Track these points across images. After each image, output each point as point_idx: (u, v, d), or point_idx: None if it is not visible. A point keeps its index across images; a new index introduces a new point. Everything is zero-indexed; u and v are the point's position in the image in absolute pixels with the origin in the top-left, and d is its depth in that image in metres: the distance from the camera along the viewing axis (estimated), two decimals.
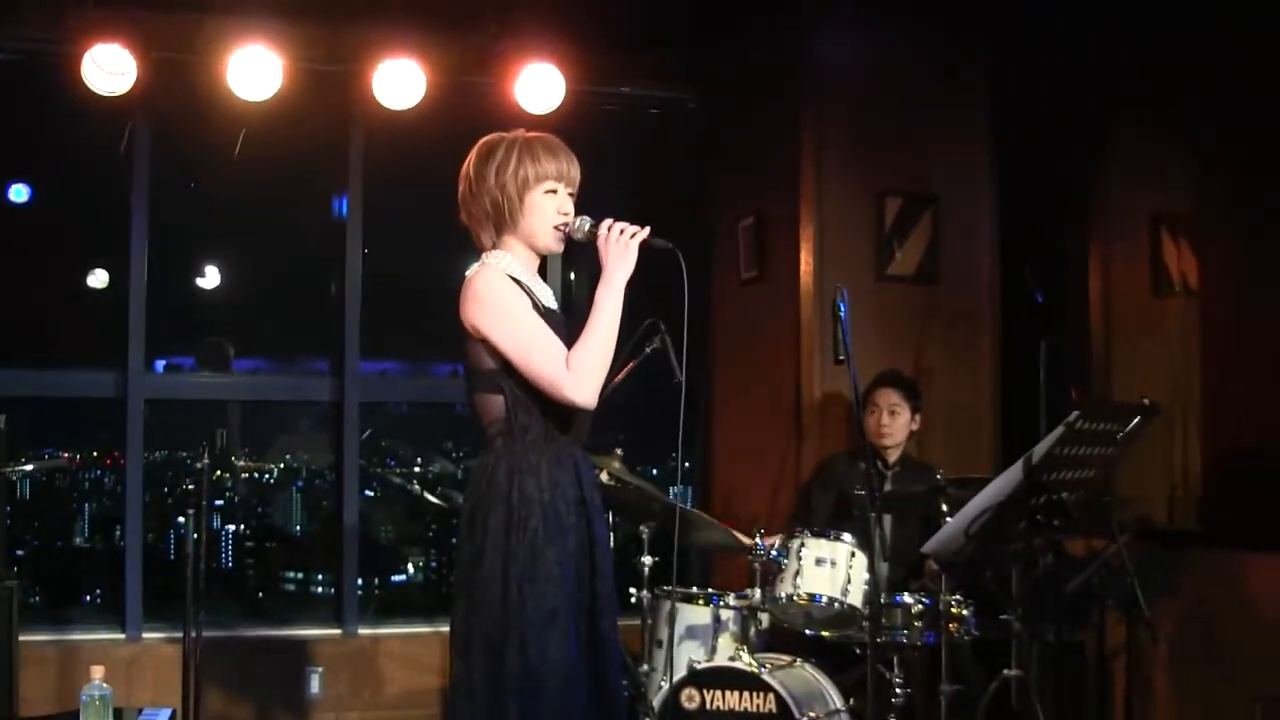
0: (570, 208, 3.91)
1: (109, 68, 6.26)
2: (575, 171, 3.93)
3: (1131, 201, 6.60)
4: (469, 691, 3.73)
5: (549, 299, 3.94)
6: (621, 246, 3.79)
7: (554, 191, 3.88)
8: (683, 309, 3.95)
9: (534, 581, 3.70)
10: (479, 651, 3.72)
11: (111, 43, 6.20)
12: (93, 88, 6.28)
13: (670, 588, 5.79)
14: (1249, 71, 5.73)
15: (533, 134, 3.95)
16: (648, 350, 5.59)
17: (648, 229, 3.84)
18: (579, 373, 3.71)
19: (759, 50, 7.19)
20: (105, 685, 4.65)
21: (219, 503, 7.90)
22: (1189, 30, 6.01)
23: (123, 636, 6.82)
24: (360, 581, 7.34)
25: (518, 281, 3.84)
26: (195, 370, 7.42)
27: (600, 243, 3.82)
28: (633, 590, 5.75)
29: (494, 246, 3.92)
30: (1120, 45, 6.48)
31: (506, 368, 3.77)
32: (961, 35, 7.04)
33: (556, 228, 3.87)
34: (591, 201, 3.99)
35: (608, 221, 3.84)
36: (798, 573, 5.41)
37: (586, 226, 3.87)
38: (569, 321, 3.91)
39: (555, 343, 3.75)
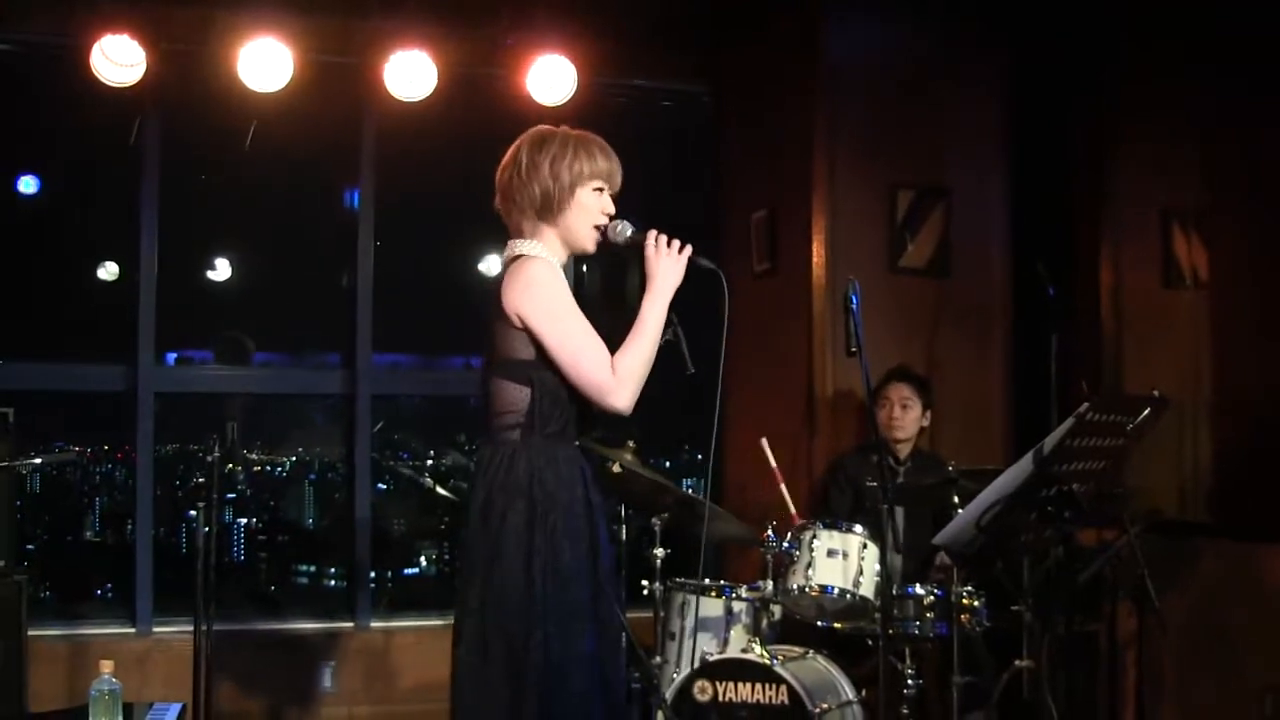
0: (612, 210, 3.93)
1: (118, 59, 6.27)
2: (620, 177, 3.96)
3: (1142, 195, 6.59)
4: (484, 686, 3.72)
5: None
6: (673, 260, 3.84)
7: (600, 190, 3.91)
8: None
9: (558, 576, 3.72)
10: (498, 646, 3.70)
11: (121, 34, 6.20)
12: (102, 79, 6.28)
13: (683, 580, 5.80)
14: (1259, 65, 5.72)
15: (584, 132, 3.97)
16: (660, 342, 5.57)
17: (690, 247, 3.88)
18: (624, 380, 3.75)
19: (773, 43, 7.19)
20: (115, 680, 4.62)
21: (230, 496, 7.89)
22: (1200, 24, 6.01)
23: (133, 631, 6.83)
24: (373, 575, 7.35)
25: None
26: (207, 363, 7.42)
27: (650, 253, 3.85)
28: (645, 582, 5.75)
29: (531, 236, 3.91)
30: (1131, 40, 6.47)
31: (541, 360, 3.77)
32: (974, 29, 7.05)
33: (596, 227, 3.90)
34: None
35: (654, 232, 3.87)
36: (810, 564, 5.42)
37: (629, 233, 3.91)
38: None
39: (603, 347, 3.77)
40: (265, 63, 6.37)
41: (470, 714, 3.77)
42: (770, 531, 5.56)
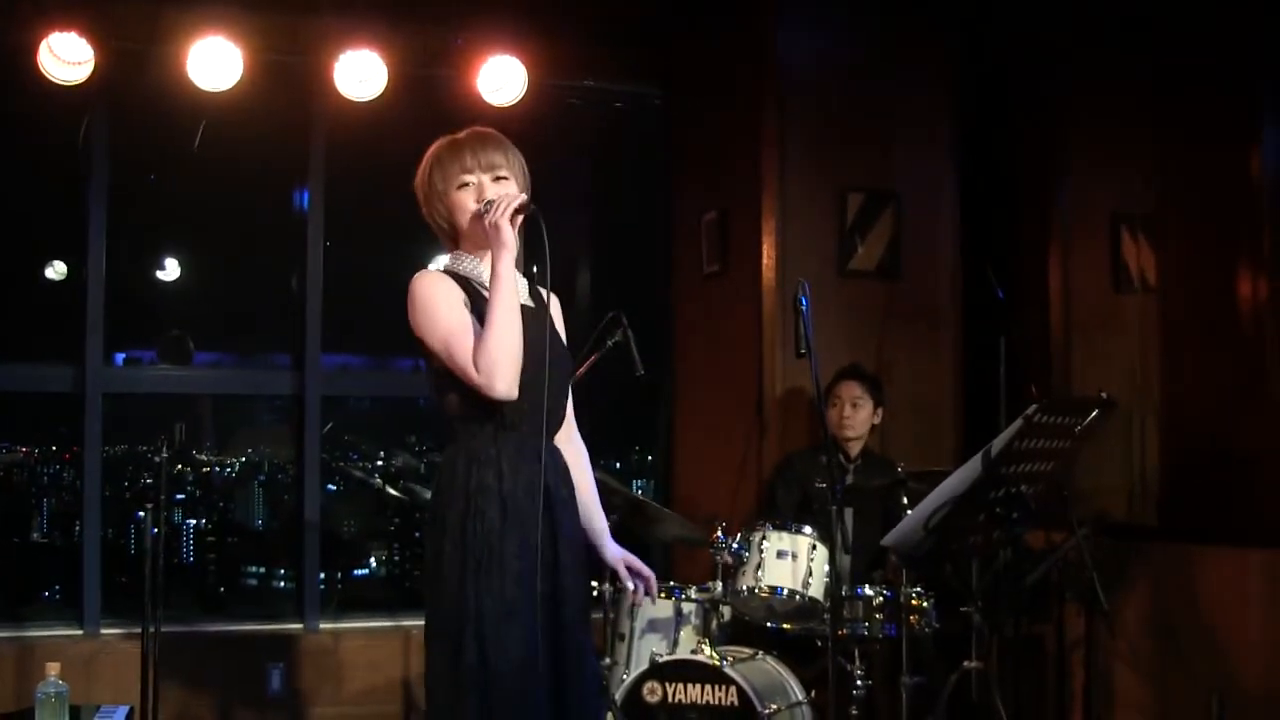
0: (494, 191, 3.79)
1: (66, 57, 6.21)
2: (489, 156, 3.82)
3: (1092, 199, 6.63)
4: (431, 685, 3.74)
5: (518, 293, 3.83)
6: (493, 230, 3.68)
7: (467, 185, 3.81)
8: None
9: (490, 575, 3.67)
10: (439, 644, 3.70)
11: (68, 31, 6.15)
12: (50, 77, 6.22)
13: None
14: (1208, 71, 5.76)
15: (445, 139, 3.91)
16: (609, 344, 5.59)
17: (520, 198, 3.71)
18: (485, 370, 3.62)
19: (724, 45, 7.20)
20: (61, 682, 4.59)
21: (179, 497, 7.85)
22: (1150, 30, 6.05)
23: (81, 632, 6.77)
24: (322, 576, 7.32)
25: (465, 280, 3.81)
26: (155, 364, 7.37)
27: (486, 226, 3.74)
28: (595, 583, 5.74)
29: (451, 253, 3.92)
30: (1080, 43, 6.51)
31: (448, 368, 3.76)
32: (923, 33, 7.07)
33: (474, 217, 3.78)
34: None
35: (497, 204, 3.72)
36: (759, 566, 5.44)
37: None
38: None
39: (469, 339, 3.67)
40: (214, 61, 6.34)
41: (428, 713, 3.78)
42: (720, 532, 5.57)
